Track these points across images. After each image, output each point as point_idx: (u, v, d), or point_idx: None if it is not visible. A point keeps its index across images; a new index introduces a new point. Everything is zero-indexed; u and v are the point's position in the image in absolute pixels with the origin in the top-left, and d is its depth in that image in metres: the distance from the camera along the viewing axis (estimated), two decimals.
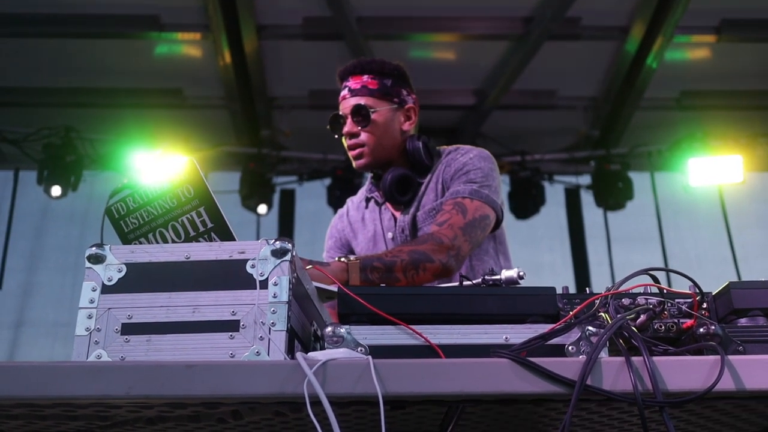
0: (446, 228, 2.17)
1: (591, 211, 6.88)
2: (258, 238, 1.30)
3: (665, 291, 1.40)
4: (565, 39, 5.67)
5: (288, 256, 1.29)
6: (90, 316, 1.28)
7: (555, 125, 6.66)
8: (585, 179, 6.86)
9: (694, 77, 6.23)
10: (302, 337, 1.40)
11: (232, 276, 1.29)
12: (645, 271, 1.34)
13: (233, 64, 5.66)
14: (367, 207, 2.55)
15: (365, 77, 2.39)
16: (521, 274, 1.49)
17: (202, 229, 1.47)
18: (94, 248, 1.35)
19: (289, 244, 1.31)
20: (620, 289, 1.36)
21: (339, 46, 5.63)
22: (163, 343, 1.25)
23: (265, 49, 5.73)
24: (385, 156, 2.40)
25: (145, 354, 1.24)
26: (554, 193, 6.91)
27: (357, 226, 2.55)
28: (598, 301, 1.33)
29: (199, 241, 1.47)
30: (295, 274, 1.33)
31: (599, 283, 6.67)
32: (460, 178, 2.31)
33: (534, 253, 6.83)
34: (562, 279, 6.74)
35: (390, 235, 2.43)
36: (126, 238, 1.59)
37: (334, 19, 5.40)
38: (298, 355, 1.07)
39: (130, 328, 1.27)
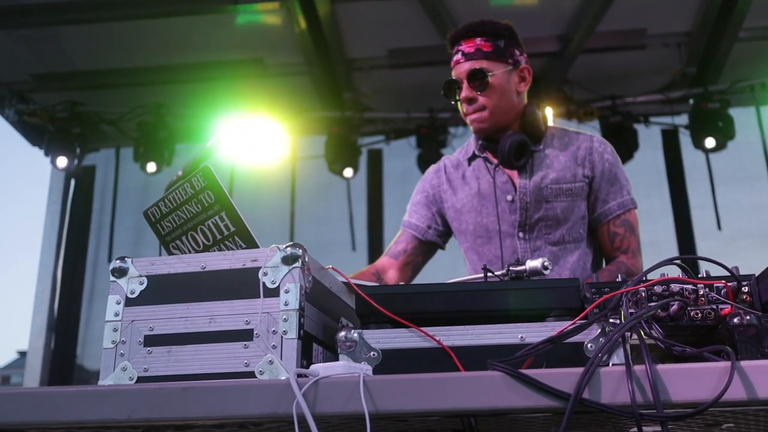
0: (632, 257, 2.35)
1: (690, 152, 6.49)
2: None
3: (701, 276, 1.32)
4: None
5: (298, 263, 1.30)
6: (115, 329, 1.34)
7: (646, 65, 6.30)
8: (682, 119, 6.49)
9: None
10: (324, 338, 1.41)
11: (246, 285, 1.31)
12: (670, 261, 1.27)
13: (309, 29, 5.66)
14: (469, 165, 2.54)
15: (478, 40, 2.37)
16: (546, 264, 1.44)
17: (226, 232, 1.49)
18: (118, 262, 1.40)
19: (300, 250, 1.31)
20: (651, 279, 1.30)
21: (413, 3, 5.52)
22: (183, 354, 1.29)
23: (339, 12, 5.68)
24: (504, 120, 2.41)
25: (166, 365, 1.29)
26: (650, 137, 6.55)
27: (457, 183, 2.55)
28: (620, 295, 1.27)
29: (225, 244, 1.50)
30: (311, 277, 1.34)
31: (702, 227, 6.37)
32: (615, 185, 2.41)
33: None
34: (662, 225, 6.47)
35: (510, 197, 2.42)
36: (164, 240, 1.65)
37: None
38: (291, 372, 1.07)
39: (152, 340, 1.31)
